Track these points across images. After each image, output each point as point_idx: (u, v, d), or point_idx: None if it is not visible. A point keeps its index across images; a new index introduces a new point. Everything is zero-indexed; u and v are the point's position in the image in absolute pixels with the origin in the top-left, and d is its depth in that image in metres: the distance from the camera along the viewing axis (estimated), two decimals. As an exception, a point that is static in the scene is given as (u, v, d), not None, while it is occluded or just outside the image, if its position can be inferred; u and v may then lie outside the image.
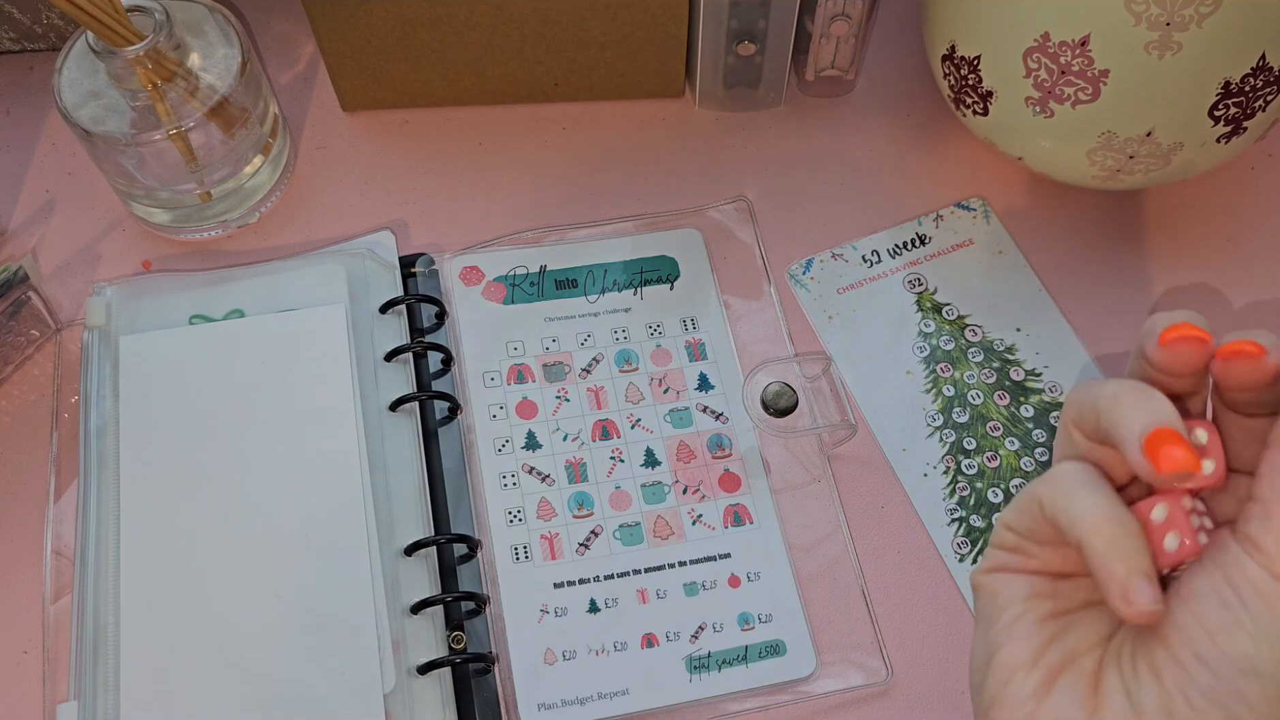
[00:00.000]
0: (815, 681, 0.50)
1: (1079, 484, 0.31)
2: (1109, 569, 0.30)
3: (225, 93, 0.55)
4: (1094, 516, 0.30)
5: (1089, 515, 0.30)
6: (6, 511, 0.53)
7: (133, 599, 0.48)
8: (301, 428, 0.52)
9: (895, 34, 0.68)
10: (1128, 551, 0.30)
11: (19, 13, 0.63)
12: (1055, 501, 0.31)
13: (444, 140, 0.64)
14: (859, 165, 0.63)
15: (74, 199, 0.61)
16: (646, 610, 0.51)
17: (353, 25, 0.58)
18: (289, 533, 0.50)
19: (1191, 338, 0.31)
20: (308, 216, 0.61)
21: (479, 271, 0.59)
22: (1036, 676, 0.32)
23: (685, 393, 0.56)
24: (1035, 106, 0.53)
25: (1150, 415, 0.30)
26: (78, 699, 0.47)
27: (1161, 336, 0.31)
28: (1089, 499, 0.30)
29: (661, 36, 0.60)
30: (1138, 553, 0.30)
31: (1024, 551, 0.33)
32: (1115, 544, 0.30)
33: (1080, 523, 0.30)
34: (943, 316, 0.58)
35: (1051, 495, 0.31)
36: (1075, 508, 0.31)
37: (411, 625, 0.49)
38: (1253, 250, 0.60)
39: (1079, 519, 0.30)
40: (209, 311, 0.56)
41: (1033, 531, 0.33)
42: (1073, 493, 0.31)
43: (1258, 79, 0.50)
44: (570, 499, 0.53)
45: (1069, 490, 0.31)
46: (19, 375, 0.56)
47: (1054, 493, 0.31)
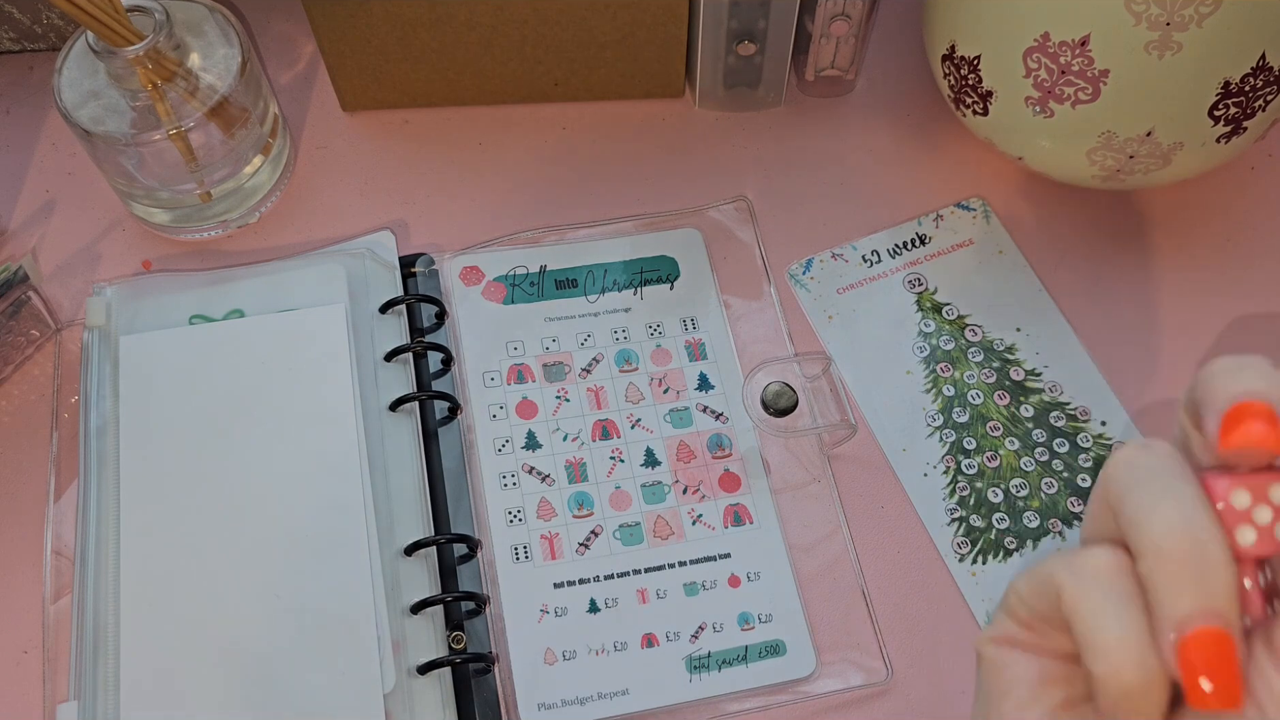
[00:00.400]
0: (815, 681, 0.50)
1: (1106, 595, 0.25)
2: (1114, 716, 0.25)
3: (225, 93, 0.55)
4: (1115, 657, 0.25)
5: (1108, 653, 0.25)
6: (6, 511, 0.53)
7: (133, 599, 0.48)
8: (301, 428, 0.52)
9: (895, 34, 0.68)
10: (1142, 706, 0.25)
11: (19, 13, 0.63)
12: (1075, 608, 0.26)
13: (444, 140, 0.64)
14: (859, 165, 0.63)
15: (74, 199, 0.61)
16: (646, 610, 0.51)
17: (353, 25, 0.58)
18: (289, 533, 0.50)
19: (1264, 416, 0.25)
20: (308, 216, 0.61)
21: (479, 271, 0.59)
22: None
23: (685, 393, 0.56)
24: (1035, 106, 0.53)
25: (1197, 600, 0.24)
26: (78, 699, 0.47)
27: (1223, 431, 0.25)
28: (1113, 627, 0.25)
29: (661, 36, 0.60)
30: (1153, 706, 0.25)
31: (1036, 630, 0.29)
32: (1130, 695, 0.25)
33: (1096, 656, 0.25)
34: (943, 316, 0.58)
35: (1073, 597, 0.26)
36: (1095, 632, 0.25)
37: (411, 625, 0.49)
38: (1253, 250, 0.60)
39: (1096, 651, 0.25)
40: (209, 311, 0.56)
41: (1047, 616, 0.28)
42: (1097, 607, 0.25)
43: (1258, 79, 0.50)
44: (570, 499, 0.53)
45: (1094, 601, 0.26)
46: (19, 375, 0.56)
47: (1076, 594, 0.26)
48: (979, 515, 0.53)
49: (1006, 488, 0.54)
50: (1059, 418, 0.56)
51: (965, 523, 0.53)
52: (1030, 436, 0.55)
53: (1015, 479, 0.54)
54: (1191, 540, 0.24)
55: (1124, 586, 0.25)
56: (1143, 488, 0.25)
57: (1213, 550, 0.24)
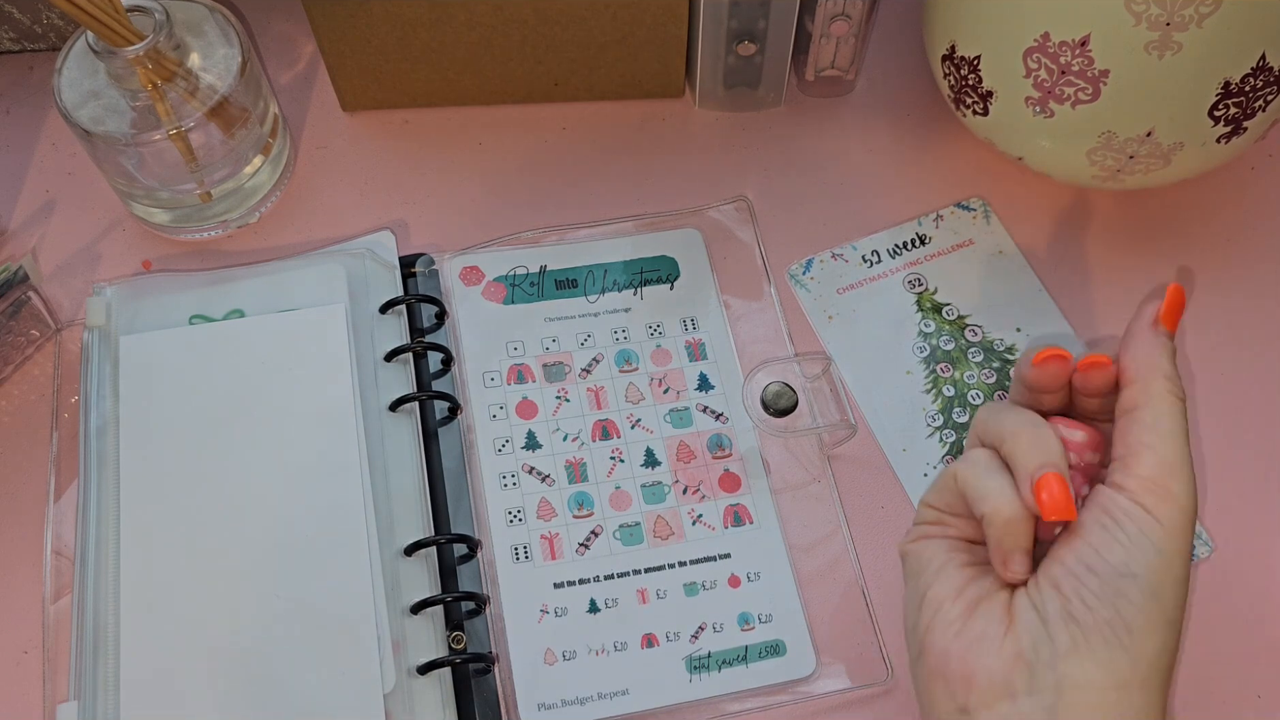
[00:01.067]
0: (815, 681, 0.50)
1: (987, 469, 0.40)
2: (999, 541, 0.39)
3: (225, 93, 0.55)
4: (998, 498, 0.39)
5: (993, 496, 0.39)
6: (6, 511, 0.53)
7: (133, 599, 0.48)
8: (301, 428, 0.52)
9: (895, 34, 0.68)
10: (1017, 532, 0.38)
11: (19, 13, 0.63)
12: (966, 479, 0.40)
13: (444, 140, 0.64)
14: (859, 165, 0.63)
15: (74, 199, 0.61)
16: (646, 610, 0.51)
17: (353, 25, 0.58)
18: (289, 533, 0.50)
19: (1057, 357, 0.40)
20: (308, 216, 0.61)
21: (479, 271, 0.59)
22: (961, 604, 0.39)
23: (685, 393, 0.56)
24: (1035, 106, 0.53)
25: (1042, 457, 0.38)
26: (78, 699, 0.47)
27: (1034, 359, 0.40)
28: (996, 483, 0.39)
29: (661, 36, 0.60)
30: (1023, 534, 0.38)
31: (943, 523, 0.42)
32: (1010, 523, 0.38)
33: (984, 501, 0.39)
34: (943, 316, 0.58)
35: (964, 473, 0.40)
36: (981, 487, 0.39)
37: (411, 625, 0.49)
38: (1253, 250, 0.60)
39: (983, 497, 0.39)
40: (209, 311, 0.56)
41: (950, 505, 0.41)
42: (985, 476, 0.39)
43: (1258, 79, 0.50)
44: (570, 499, 0.53)
45: (982, 473, 0.40)
46: (19, 375, 0.56)
47: (969, 472, 0.40)
48: (979, 515, 0.53)
49: (1006, 488, 0.54)
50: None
51: (965, 523, 0.53)
52: (1030, 436, 0.55)
53: (1015, 479, 0.54)
54: (1032, 425, 0.39)
55: (996, 463, 0.40)
56: (998, 412, 0.41)
57: (1046, 430, 0.39)
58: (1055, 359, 0.40)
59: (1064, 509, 0.37)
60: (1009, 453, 0.39)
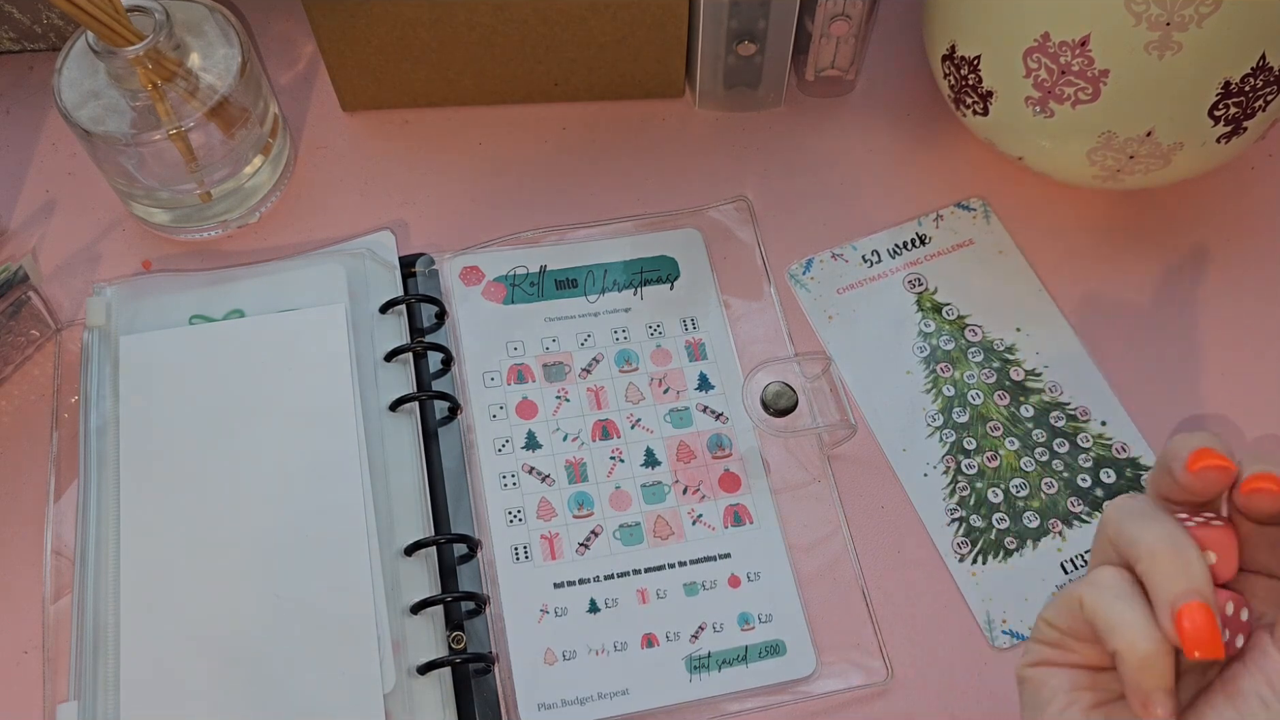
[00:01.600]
0: (815, 681, 0.50)
1: (1117, 594, 0.34)
2: (1138, 681, 0.33)
3: (225, 93, 0.55)
4: (1133, 634, 0.33)
5: (1128, 632, 0.33)
6: (6, 511, 0.53)
7: (133, 599, 0.48)
8: (301, 428, 0.52)
9: (895, 34, 0.68)
10: (1156, 671, 0.32)
11: (19, 13, 0.63)
12: (1095, 608, 0.34)
13: (444, 140, 0.64)
14: (859, 165, 0.63)
15: (74, 199, 0.61)
16: (646, 610, 0.51)
17: (353, 25, 0.58)
18: (289, 533, 0.50)
19: (1217, 467, 0.34)
20: (308, 216, 0.61)
21: (479, 271, 0.59)
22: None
23: (685, 393, 0.56)
24: (1035, 106, 0.53)
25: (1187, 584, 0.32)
26: (78, 699, 0.47)
27: (1189, 464, 0.34)
28: (1130, 614, 0.33)
29: (661, 36, 0.60)
30: (1164, 672, 0.32)
31: (1065, 647, 0.36)
32: (1148, 663, 0.32)
33: (1116, 634, 0.33)
34: (943, 316, 0.58)
35: (1092, 600, 0.34)
36: (1116, 618, 0.33)
37: (411, 625, 0.49)
38: (1253, 250, 0.60)
39: (1115, 630, 0.33)
40: (209, 311, 0.56)
41: (1073, 629, 0.35)
42: (1115, 604, 0.33)
43: (1258, 79, 0.50)
44: (570, 499, 0.53)
45: (1112, 601, 0.34)
46: (19, 375, 0.56)
47: (1097, 599, 0.34)
48: (979, 515, 0.53)
49: (1006, 488, 0.54)
50: (1059, 418, 0.56)
51: (965, 523, 0.53)
52: (1030, 436, 0.55)
53: (1015, 479, 0.54)
54: (1175, 544, 0.33)
55: (1129, 587, 0.33)
56: (1135, 517, 0.34)
57: (1191, 552, 0.33)
58: (1214, 469, 0.34)
59: (1210, 645, 0.32)
60: (1144, 572, 0.33)
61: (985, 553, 0.53)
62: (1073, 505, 0.54)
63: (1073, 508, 0.54)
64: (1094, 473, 0.54)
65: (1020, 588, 0.52)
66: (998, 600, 0.51)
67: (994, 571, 0.52)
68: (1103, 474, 0.54)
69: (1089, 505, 0.54)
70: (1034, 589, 0.52)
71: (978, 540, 0.53)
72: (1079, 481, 0.54)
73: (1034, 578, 0.52)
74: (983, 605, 0.51)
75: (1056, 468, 0.54)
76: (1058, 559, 0.52)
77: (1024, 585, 0.52)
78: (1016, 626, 0.51)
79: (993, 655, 0.50)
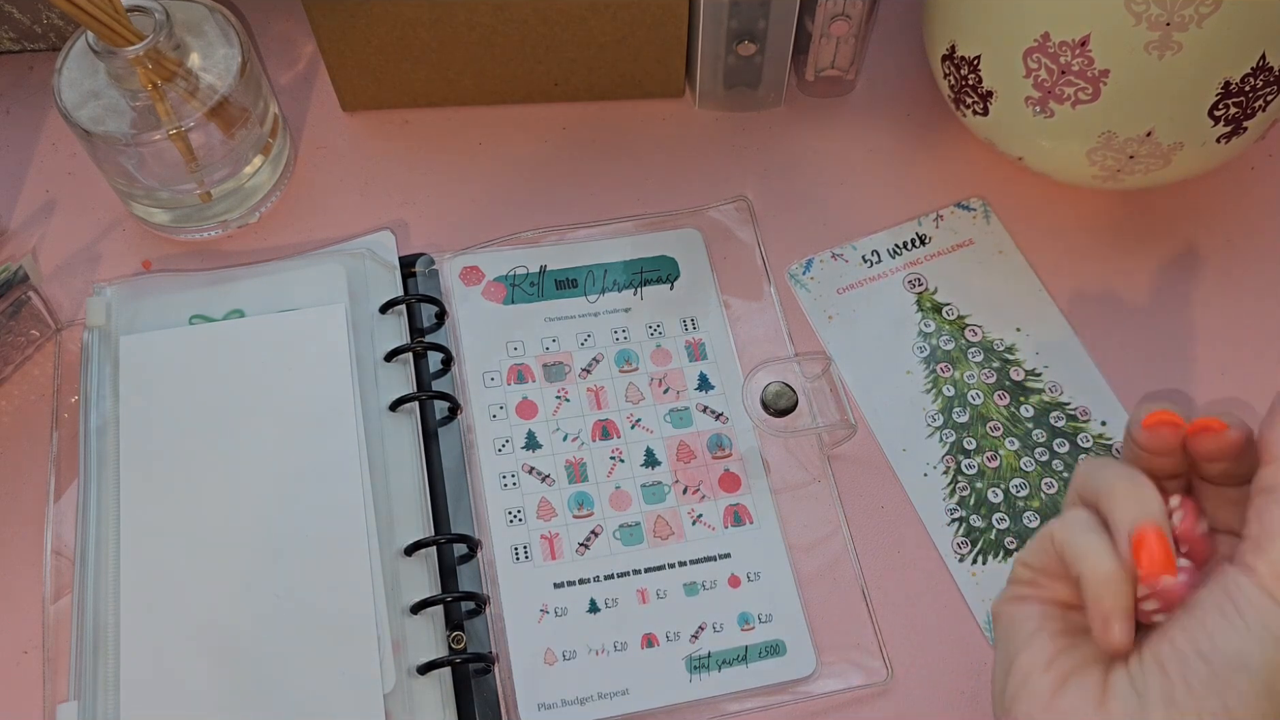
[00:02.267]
0: (815, 681, 0.50)
1: (1087, 529, 0.37)
2: (1098, 602, 0.36)
3: (225, 93, 0.55)
4: (1095, 557, 0.36)
5: (1090, 555, 0.36)
6: (6, 511, 0.53)
7: (133, 599, 0.48)
8: (301, 428, 0.52)
9: (895, 34, 0.68)
10: (1116, 592, 0.36)
11: (19, 13, 0.63)
12: (1064, 538, 0.37)
13: (444, 140, 0.64)
14: (859, 165, 0.63)
15: (74, 199, 0.61)
16: (646, 610, 0.51)
17: (353, 25, 0.58)
18: (289, 533, 0.50)
19: (1168, 422, 0.38)
20: (308, 216, 0.61)
21: (479, 271, 0.59)
22: (1051, 676, 0.37)
23: (685, 393, 0.56)
24: (1035, 106, 0.53)
25: (1139, 512, 0.36)
26: (78, 699, 0.47)
27: (1144, 422, 0.38)
28: (1093, 541, 0.36)
29: (661, 36, 0.60)
30: (1125, 594, 0.36)
31: (1038, 584, 0.39)
32: (1108, 583, 0.36)
33: (1081, 559, 0.36)
34: (943, 316, 0.58)
35: (1063, 533, 0.37)
36: (1081, 546, 0.37)
37: (411, 625, 0.49)
38: (1253, 250, 0.60)
39: (1081, 556, 0.36)
40: (209, 311, 0.56)
41: (1046, 566, 0.38)
42: (1081, 534, 0.37)
43: (1258, 79, 0.50)
44: (570, 499, 0.53)
45: (1078, 532, 0.37)
46: (19, 375, 0.56)
47: (1066, 531, 0.37)
48: (979, 515, 0.53)
49: (1006, 488, 0.54)
50: (1059, 418, 0.56)
51: (965, 523, 0.53)
52: (1030, 436, 0.55)
53: (1015, 479, 0.54)
54: (1132, 481, 0.37)
55: (1095, 522, 0.37)
56: (1098, 466, 0.38)
57: (1146, 487, 0.36)
58: (1165, 425, 0.38)
59: (1163, 564, 0.35)
60: (1106, 509, 0.37)
61: (985, 553, 0.53)
62: (1073, 505, 0.54)
63: (1073, 508, 0.53)
64: (1094, 473, 0.54)
65: (1020, 588, 0.52)
66: (998, 600, 0.51)
67: (994, 571, 0.52)
68: (1103, 474, 0.54)
69: (1089, 505, 0.54)
70: (1034, 589, 0.52)
71: (978, 540, 0.53)
72: (1079, 481, 0.54)
73: (1034, 578, 0.52)
74: (983, 605, 0.51)
75: (1056, 468, 0.54)
76: (1058, 559, 0.52)
77: (1024, 585, 0.52)
78: (1016, 626, 0.51)
79: (992, 655, 0.50)
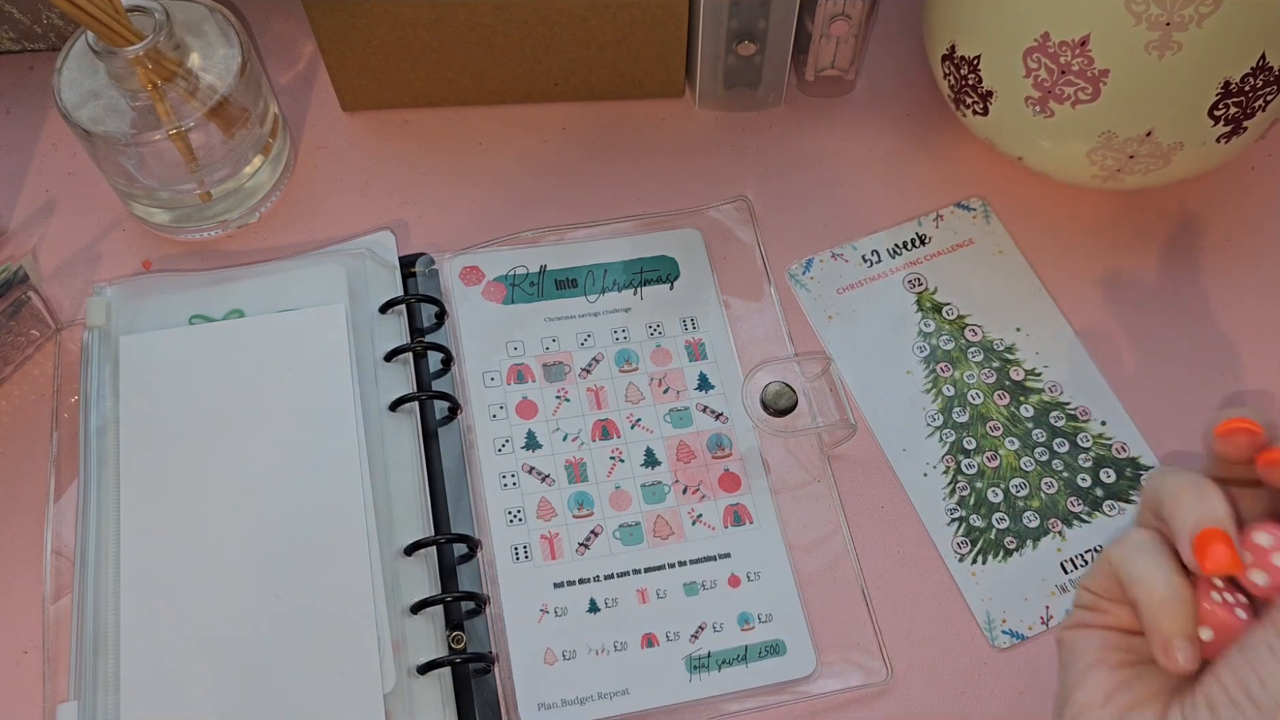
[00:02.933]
0: (815, 681, 0.50)
1: (1143, 550, 0.36)
2: (1156, 626, 0.35)
3: (225, 93, 0.55)
4: (1150, 580, 0.35)
5: (1146, 578, 0.36)
6: (6, 511, 0.53)
7: (133, 599, 0.48)
8: (301, 428, 0.52)
9: (895, 34, 0.68)
10: (1174, 614, 0.35)
11: (19, 13, 0.63)
12: (1120, 561, 0.37)
13: (444, 140, 0.64)
14: (859, 165, 0.63)
15: (74, 199, 0.61)
16: (646, 610, 0.51)
17: (353, 25, 0.58)
18: (289, 533, 0.50)
19: (1244, 429, 0.37)
20: (308, 216, 0.61)
21: (479, 271, 0.59)
22: (1108, 713, 0.36)
23: (685, 393, 0.56)
24: (1035, 106, 0.53)
25: (1203, 513, 0.35)
26: (78, 699, 0.47)
27: (1217, 430, 0.37)
28: (1149, 563, 0.36)
29: (661, 36, 0.60)
30: (1184, 616, 0.35)
31: (1100, 609, 0.38)
32: (1165, 605, 0.35)
33: (1139, 583, 0.36)
34: (943, 316, 0.58)
35: (1119, 555, 0.37)
36: (1137, 569, 0.36)
37: (411, 625, 0.49)
38: (1253, 250, 0.60)
39: (1138, 580, 0.36)
40: (209, 311, 0.56)
41: (1107, 590, 0.38)
42: (1137, 556, 0.36)
43: (1258, 79, 0.50)
44: (570, 499, 0.53)
45: (1134, 554, 0.36)
46: (19, 375, 0.56)
47: (1121, 553, 0.37)
48: (979, 515, 0.53)
49: (1006, 488, 0.54)
50: (1059, 417, 0.56)
51: (965, 523, 0.53)
52: (1030, 436, 0.55)
53: (1015, 479, 0.54)
54: (1197, 486, 0.36)
55: (1154, 544, 0.36)
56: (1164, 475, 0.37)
57: (1211, 491, 0.35)
58: (1242, 432, 0.37)
59: (1227, 562, 0.34)
60: (1168, 514, 0.36)
61: (985, 552, 0.53)
62: (1072, 505, 0.54)
63: (1072, 507, 0.54)
64: (1094, 472, 0.54)
65: (1020, 587, 0.52)
66: (997, 600, 0.51)
67: (994, 571, 0.52)
68: (1102, 474, 0.54)
69: (1089, 505, 0.54)
70: (1034, 589, 0.52)
71: (978, 540, 0.53)
72: (1079, 481, 0.54)
73: (1034, 577, 0.52)
74: (982, 605, 0.51)
75: (1056, 467, 0.54)
76: (1057, 559, 0.52)
77: (1024, 585, 0.52)
78: (1016, 626, 0.51)
79: (993, 655, 0.50)
